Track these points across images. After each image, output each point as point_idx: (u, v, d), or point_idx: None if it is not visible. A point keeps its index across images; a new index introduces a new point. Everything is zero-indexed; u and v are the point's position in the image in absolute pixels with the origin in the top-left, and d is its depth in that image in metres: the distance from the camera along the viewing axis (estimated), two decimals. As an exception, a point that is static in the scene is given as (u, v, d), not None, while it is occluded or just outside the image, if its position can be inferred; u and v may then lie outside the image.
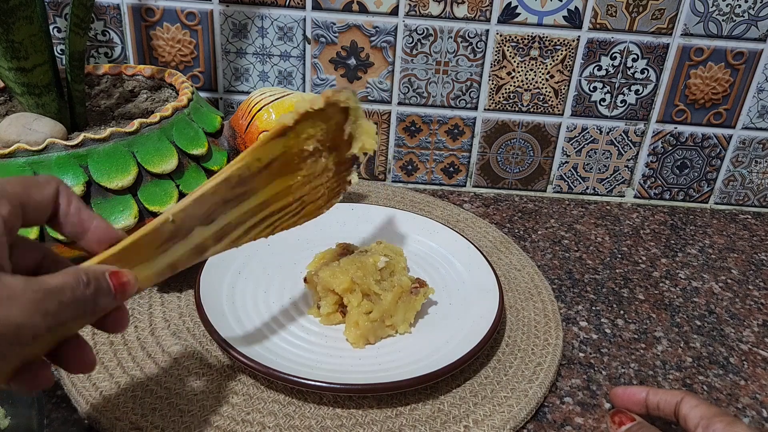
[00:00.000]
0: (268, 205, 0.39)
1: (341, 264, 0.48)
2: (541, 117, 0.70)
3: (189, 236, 0.34)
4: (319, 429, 0.40)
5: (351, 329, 0.46)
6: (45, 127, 0.46)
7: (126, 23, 0.66)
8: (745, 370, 0.48)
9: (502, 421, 0.41)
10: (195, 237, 0.35)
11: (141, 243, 0.32)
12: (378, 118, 0.71)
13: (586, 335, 0.51)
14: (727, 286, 0.59)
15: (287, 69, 0.69)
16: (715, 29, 0.65)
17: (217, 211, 0.36)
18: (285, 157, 0.39)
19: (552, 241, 0.65)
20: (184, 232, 0.34)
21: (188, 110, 0.52)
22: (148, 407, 0.40)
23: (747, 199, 0.75)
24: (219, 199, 0.36)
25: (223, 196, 0.36)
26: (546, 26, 0.66)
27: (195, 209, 0.34)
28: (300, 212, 0.42)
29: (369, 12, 0.65)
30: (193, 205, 0.34)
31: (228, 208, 0.36)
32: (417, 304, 0.48)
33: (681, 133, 0.71)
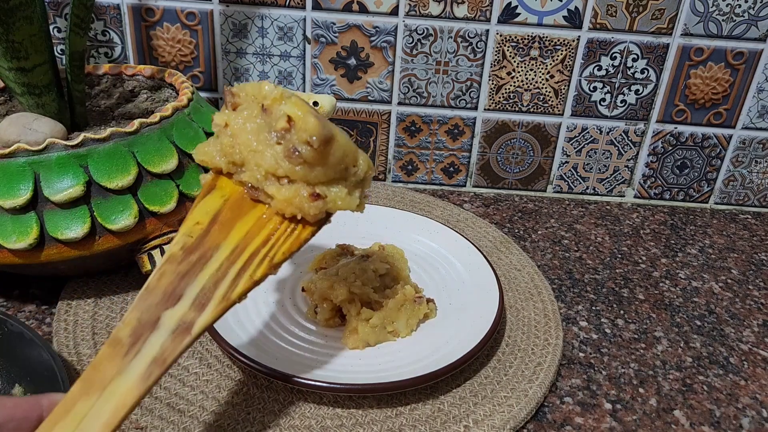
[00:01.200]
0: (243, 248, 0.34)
1: (339, 272, 0.47)
2: (541, 117, 0.70)
3: (158, 326, 0.30)
4: (319, 429, 0.40)
5: (349, 337, 0.46)
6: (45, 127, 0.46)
7: (126, 23, 0.66)
8: (745, 370, 0.48)
9: (502, 421, 0.41)
10: (167, 322, 0.31)
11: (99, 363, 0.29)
12: (378, 118, 0.71)
13: (586, 335, 0.51)
14: (727, 286, 0.59)
15: (287, 69, 0.69)
16: (715, 29, 0.65)
17: (179, 288, 0.32)
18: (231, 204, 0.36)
19: (552, 241, 0.65)
20: (150, 326, 0.30)
21: (188, 110, 0.52)
22: (147, 407, 0.40)
23: (747, 199, 0.75)
24: (172, 279, 0.32)
25: (175, 273, 0.32)
26: (546, 26, 0.66)
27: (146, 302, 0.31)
28: (294, 230, 0.36)
29: (369, 12, 0.65)
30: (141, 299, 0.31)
31: (191, 278, 0.32)
32: (420, 312, 0.48)
33: (681, 133, 0.71)
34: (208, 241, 0.34)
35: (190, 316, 0.31)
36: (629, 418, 0.43)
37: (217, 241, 0.34)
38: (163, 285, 0.32)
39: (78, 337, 0.46)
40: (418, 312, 0.47)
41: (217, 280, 0.33)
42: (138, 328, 0.30)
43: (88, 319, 0.48)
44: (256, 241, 0.35)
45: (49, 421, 0.27)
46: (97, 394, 0.28)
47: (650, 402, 0.45)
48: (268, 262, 0.34)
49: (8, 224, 0.43)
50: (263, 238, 0.35)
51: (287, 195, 0.34)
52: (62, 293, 0.50)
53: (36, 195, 0.43)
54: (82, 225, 0.44)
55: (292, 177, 0.34)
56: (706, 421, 0.43)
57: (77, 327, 0.47)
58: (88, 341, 0.45)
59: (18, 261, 0.44)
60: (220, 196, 0.36)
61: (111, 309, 0.49)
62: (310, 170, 0.34)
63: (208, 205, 0.35)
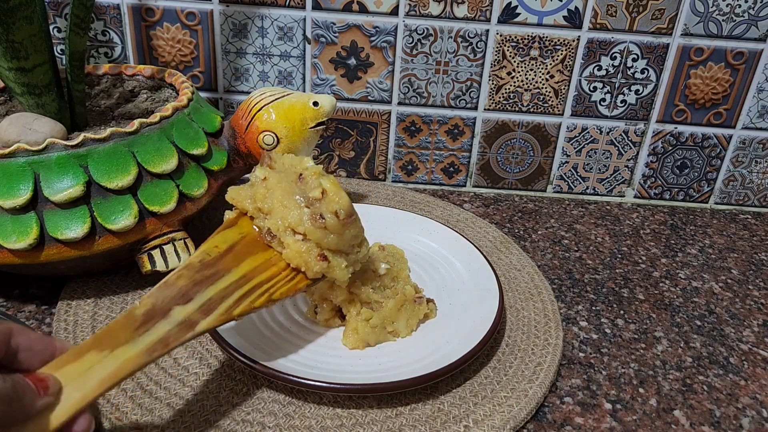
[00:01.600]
0: (250, 278, 0.40)
1: None
2: (541, 117, 0.70)
3: (169, 315, 0.35)
4: (319, 429, 0.40)
5: (349, 336, 0.46)
6: (45, 127, 0.46)
7: (126, 23, 0.66)
8: (745, 370, 0.48)
9: (502, 421, 0.41)
10: (176, 315, 0.36)
11: (115, 328, 0.33)
12: (378, 118, 0.71)
13: (586, 335, 0.51)
14: (727, 286, 0.59)
15: (287, 69, 0.69)
16: (715, 29, 0.65)
17: (192, 291, 0.37)
18: (247, 241, 0.42)
19: (552, 241, 0.65)
20: (161, 313, 0.35)
21: (188, 110, 0.52)
22: (147, 407, 0.40)
23: (747, 199, 0.75)
24: (188, 282, 0.38)
25: (191, 279, 0.38)
26: (546, 26, 0.66)
27: (162, 293, 0.36)
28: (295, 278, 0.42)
29: (369, 12, 0.65)
30: (158, 289, 0.37)
31: (203, 287, 0.38)
32: (420, 312, 0.48)
33: (681, 133, 0.71)
34: (222, 263, 0.40)
35: (195, 316, 0.36)
36: (629, 418, 0.43)
37: (230, 266, 0.40)
38: (179, 285, 0.37)
39: (78, 337, 0.46)
40: (418, 312, 0.47)
41: (223, 296, 0.38)
42: (151, 312, 0.35)
43: (88, 319, 0.48)
44: (261, 276, 0.41)
45: (62, 360, 0.31)
46: (107, 352, 0.32)
47: (650, 402, 0.45)
48: (267, 296, 0.40)
49: (8, 224, 0.43)
50: (267, 276, 0.41)
51: (300, 248, 0.41)
52: (62, 293, 0.50)
53: (36, 195, 0.43)
54: (82, 225, 0.44)
55: (309, 236, 0.41)
56: (706, 421, 0.43)
57: (77, 327, 0.47)
58: (88, 341, 0.45)
59: (18, 261, 0.44)
60: (239, 232, 0.42)
61: (111, 309, 0.49)
62: (325, 235, 0.41)
63: (228, 236, 0.42)
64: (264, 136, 0.54)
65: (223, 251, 0.41)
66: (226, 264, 0.40)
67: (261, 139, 0.54)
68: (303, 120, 0.55)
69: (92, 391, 0.30)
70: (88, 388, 0.30)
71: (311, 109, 0.55)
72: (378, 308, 0.46)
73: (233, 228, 0.43)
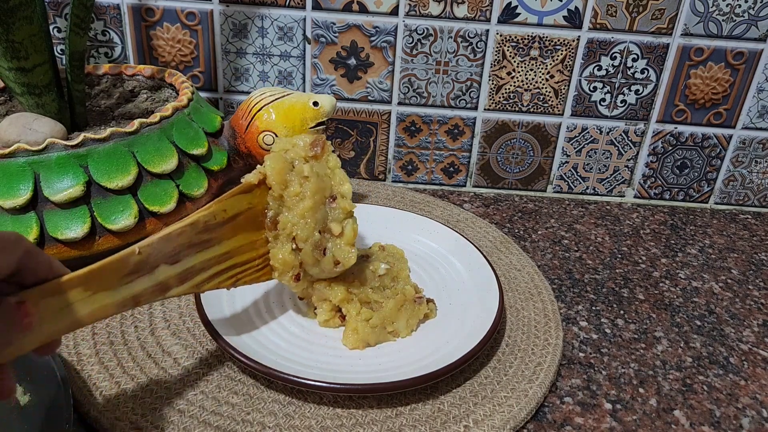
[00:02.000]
0: (231, 255, 0.41)
1: None
2: (541, 117, 0.70)
3: (154, 272, 0.36)
4: (319, 429, 0.40)
5: (349, 336, 0.45)
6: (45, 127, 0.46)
7: (126, 23, 0.66)
8: (745, 370, 0.48)
9: (502, 421, 0.41)
10: (159, 274, 0.36)
11: (107, 269, 0.33)
12: (378, 118, 0.71)
13: (586, 335, 0.51)
14: (727, 286, 0.59)
15: (287, 69, 0.69)
16: (715, 29, 0.65)
17: (183, 253, 0.37)
18: (250, 213, 0.42)
19: (552, 241, 0.65)
20: (149, 267, 0.35)
21: (188, 110, 0.52)
22: (148, 407, 0.40)
23: (747, 199, 0.75)
24: (185, 241, 0.38)
25: (189, 239, 0.38)
26: (546, 26, 0.66)
27: (161, 246, 0.36)
28: (262, 269, 0.43)
29: (369, 12, 0.65)
30: (160, 241, 0.36)
31: (193, 251, 0.38)
32: (420, 312, 0.48)
33: (681, 133, 0.71)
34: (219, 231, 0.40)
35: (172, 281, 0.37)
36: (629, 418, 0.43)
37: (223, 237, 0.40)
38: (178, 242, 0.37)
39: (78, 337, 0.46)
40: (418, 312, 0.47)
41: (202, 268, 0.39)
42: (143, 263, 0.35)
43: (88, 319, 0.48)
44: (240, 257, 0.42)
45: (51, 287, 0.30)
46: (89, 293, 0.32)
47: (650, 402, 0.45)
48: (234, 280, 0.42)
49: (8, 224, 0.43)
50: (245, 259, 0.42)
51: (287, 259, 0.43)
52: (62, 293, 0.50)
53: (36, 195, 0.43)
54: (82, 225, 0.44)
55: (302, 257, 0.43)
56: (706, 421, 0.43)
57: (77, 327, 0.47)
58: (88, 341, 0.45)
59: (18, 261, 0.44)
60: (248, 202, 0.42)
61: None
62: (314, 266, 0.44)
63: (238, 203, 0.41)
64: (264, 136, 0.54)
65: (227, 218, 0.40)
66: (223, 233, 0.40)
67: (261, 139, 0.54)
68: (303, 120, 0.55)
69: (64, 328, 0.31)
70: (61, 325, 0.31)
71: (311, 109, 0.55)
72: (378, 308, 0.46)
73: (246, 195, 0.42)
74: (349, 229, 0.44)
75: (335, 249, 0.44)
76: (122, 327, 0.47)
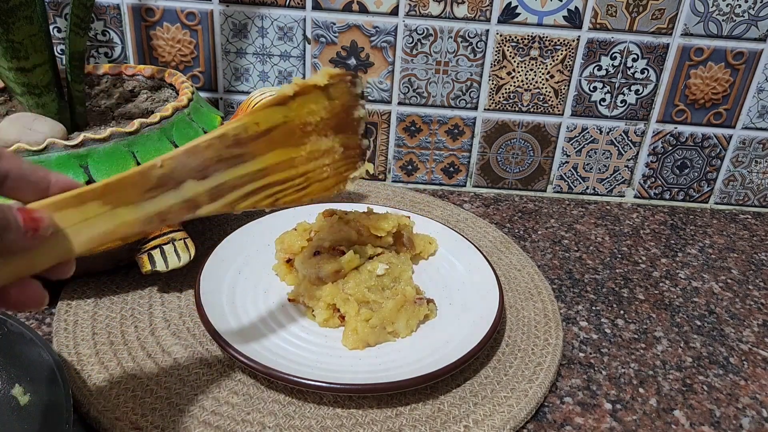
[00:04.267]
0: (268, 173, 0.38)
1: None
2: (541, 117, 0.70)
3: (180, 188, 0.33)
4: (319, 429, 0.40)
5: (349, 336, 0.45)
6: (45, 127, 0.46)
7: (126, 23, 0.66)
8: (745, 370, 0.48)
9: (502, 421, 0.41)
10: (186, 190, 0.33)
11: (126, 182, 0.30)
12: (378, 118, 0.71)
13: (586, 335, 0.51)
14: (727, 286, 0.59)
15: (287, 69, 0.69)
16: (715, 29, 0.65)
17: (212, 168, 0.34)
18: (286, 128, 0.38)
19: (552, 241, 0.65)
20: (174, 182, 0.33)
21: (188, 110, 0.52)
22: (148, 407, 0.40)
23: (747, 199, 0.75)
24: (213, 155, 0.34)
25: (217, 152, 0.34)
26: (546, 26, 0.66)
27: (186, 159, 0.33)
28: (305, 188, 0.41)
29: (369, 12, 0.65)
30: (185, 154, 0.33)
31: (223, 167, 0.35)
32: (420, 313, 0.47)
33: (681, 133, 0.71)
34: (253, 145, 0.37)
35: (202, 198, 0.34)
36: (629, 418, 0.43)
37: (257, 152, 0.37)
38: (205, 156, 0.34)
39: (78, 337, 0.46)
40: (418, 313, 0.47)
41: (235, 185, 0.36)
42: (167, 177, 0.32)
43: (88, 319, 0.48)
44: (277, 176, 0.38)
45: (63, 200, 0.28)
46: (108, 207, 0.30)
47: (650, 402, 0.45)
48: (273, 199, 0.38)
49: (8, 224, 0.43)
50: (283, 177, 0.39)
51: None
52: (62, 293, 0.50)
53: (36, 195, 0.43)
54: (82, 225, 0.44)
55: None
56: (706, 421, 0.43)
57: (77, 327, 0.47)
58: (88, 341, 0.45)
59: (18, 261, 0.44)
60: (283, 115, 0.38)
61: (111, 309, 0.49)
62: None
63: (273, 116, 0.38)
64: (264, 136, 0.54)
65: (260, 132, 0.37)
66: (256, 148, 0.37)
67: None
68: (303, 120, 0.54)
69: (82, 244, 0.29)
70: (79, 241, 0.28)
71: (311, 109, 0.55)
72: (377, 308, 0.46)
73: (281, 108, 0.38)
74: None
75: None
76: (122, 327, 0.47)
